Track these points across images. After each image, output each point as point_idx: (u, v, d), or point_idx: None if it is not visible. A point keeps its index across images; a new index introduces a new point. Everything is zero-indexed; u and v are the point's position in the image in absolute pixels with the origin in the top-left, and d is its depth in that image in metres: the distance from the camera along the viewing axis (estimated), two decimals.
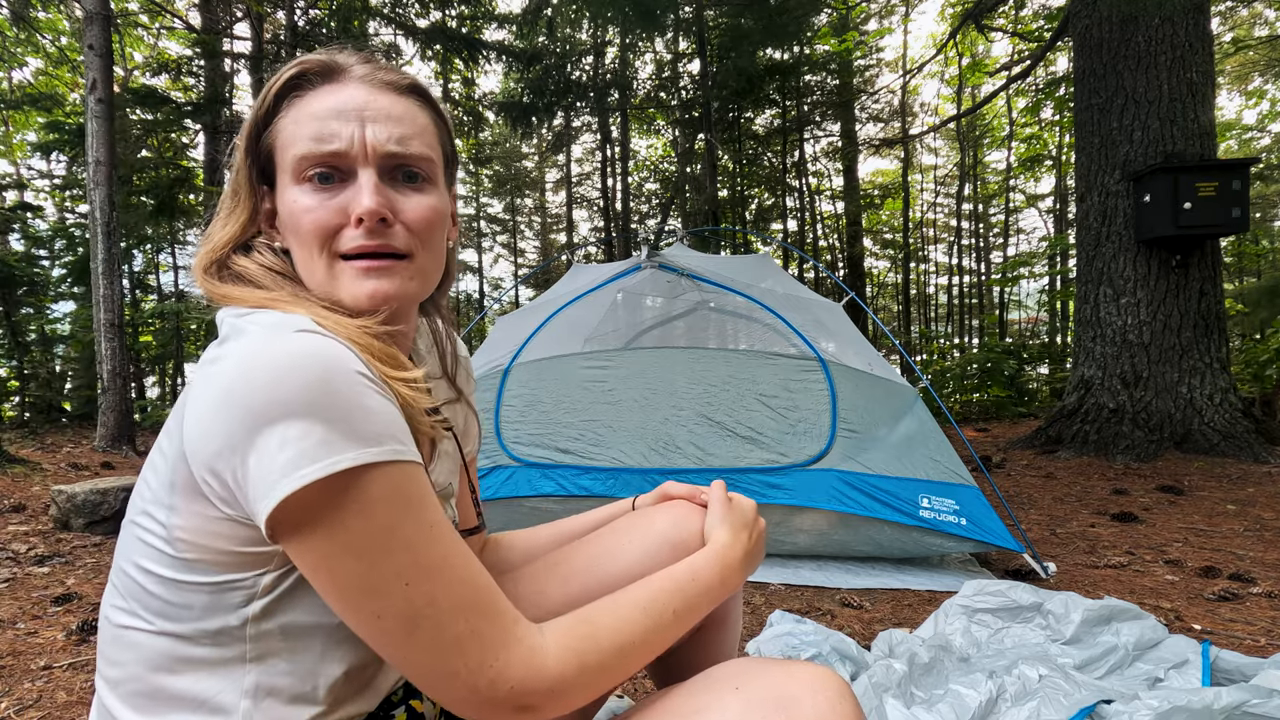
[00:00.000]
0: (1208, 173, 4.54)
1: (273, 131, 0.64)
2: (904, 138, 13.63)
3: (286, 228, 0.64)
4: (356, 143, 0.61)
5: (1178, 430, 4.70)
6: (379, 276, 0.62)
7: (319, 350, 0.52)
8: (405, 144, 0.63)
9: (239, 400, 0.50)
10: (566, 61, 9.81)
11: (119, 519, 2.89)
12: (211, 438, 0.51)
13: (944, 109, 17.04)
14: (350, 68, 0.65)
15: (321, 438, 0.49)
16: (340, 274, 0.62)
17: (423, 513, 0.55)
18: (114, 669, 0.62)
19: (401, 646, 0.54)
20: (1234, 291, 8.77)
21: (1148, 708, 1.21)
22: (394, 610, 0.53)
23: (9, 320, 6.54)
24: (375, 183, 0.61)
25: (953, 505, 2.47)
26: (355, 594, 0.53)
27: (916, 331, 15.26)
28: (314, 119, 0.62)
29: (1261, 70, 13.16)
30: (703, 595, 0.72)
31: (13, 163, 11.84)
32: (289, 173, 0.63)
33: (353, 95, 0.63)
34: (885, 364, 3.11)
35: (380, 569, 0.52)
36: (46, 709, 1.44)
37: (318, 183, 0.62)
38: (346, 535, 0.51)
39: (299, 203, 0.62)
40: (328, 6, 8.81)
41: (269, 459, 0.49)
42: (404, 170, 0.64)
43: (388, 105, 0.63)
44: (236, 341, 0.56)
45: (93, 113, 4.87)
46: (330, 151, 0.61)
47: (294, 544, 0.53)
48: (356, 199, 0.61)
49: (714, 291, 3.16)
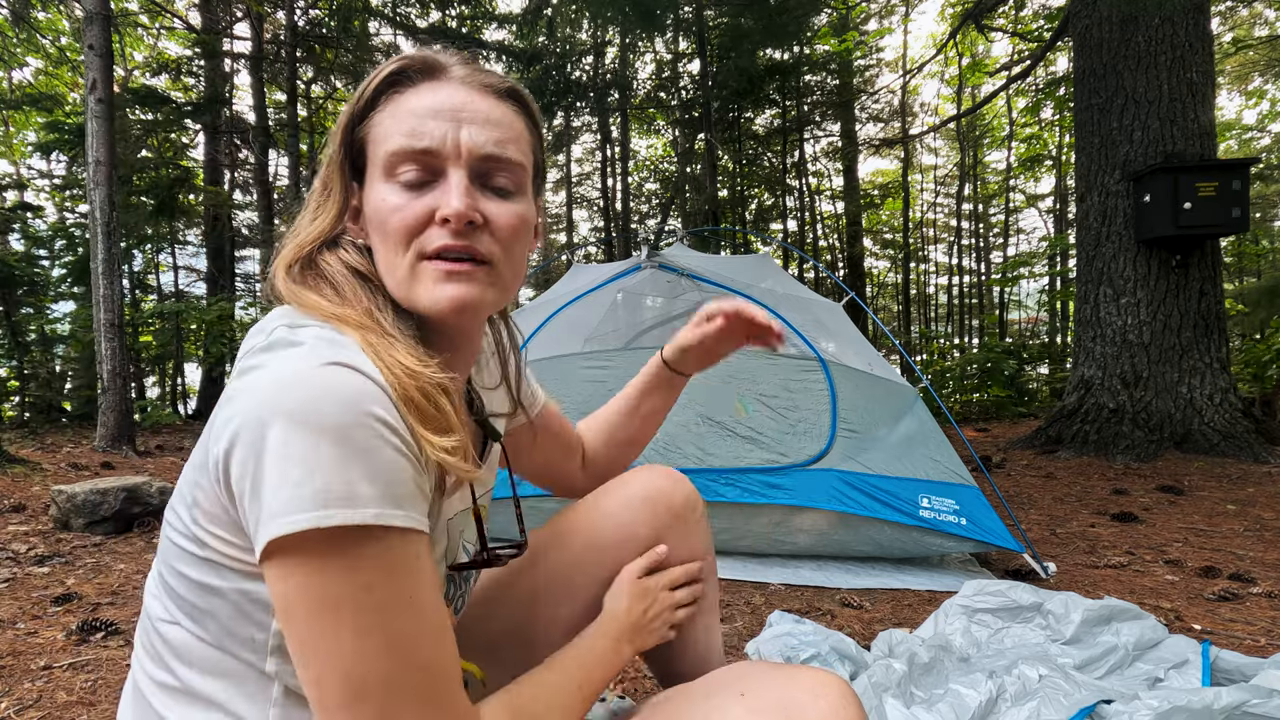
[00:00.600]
0: (1208, 173, 4.54)
1: (367, 125, 0.63)
2: (904, 138, 13.63)
3: (372, 224, 0.63)
4: (450, 142, 0.60)
5: (1178, 430, 4.70)
6: (460, 281, 0.60)
7: (352, 393, 0.50)
8: (500, 148, 0.62)
9: (261, 421, 0.49)
10: (566, 61, 9.80)
11: (119, 519, 2.89)
12: (231, 448, 0.51)
13: (944, 109, 17.04)
14: (450, 67, 0.64)
15: (321, 487, 0.48)
16: (421, 275, 0.60)
17: (405, 583, 0.52)
18: (150, 658, 0.63)
19: (335, 715, 0.51)
20: (1234, 291, 8.76)
21: (1148, 708, 1.21)
22: (343, 675, 0.50)
23: (9, 320, 6.54)
24: (465, 184, 0.60)
25: (953, 505, 2.47)
26: (313, 645, 0.51)
27: (916, 331, 15.26)
28: (411, 115, 0.61)
29: (1261, 70, 13.16)
30: (598, 665, 0.79)
31: (13, 163, 11.84)
32: (380, 168, 0.62)
33: (451, 95, 0.62)
34: (885, 364, 3.11)
35: (344, 630, 0.50)
36: (46, 709, 1.44)
37: (408, 182, 0.61)
38: (322, 587, 0.50)
39: (387, 201, 0.61)
40: (328, 6, 8.80)
41: (269, 493, 0.49)
42: (495, 175, 0.63)
43: (486, 108, 0.62)
44: (282, 354, 0.54)
45: (93, 113, 4.87)
46: (423, 149, 0.60)
47: (273, 577, 0.51)
48: (445, 199, 0.59)
49: (714, 291, 3.16)
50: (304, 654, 0.51)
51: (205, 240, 10.54)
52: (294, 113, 8.81)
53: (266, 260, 7.12)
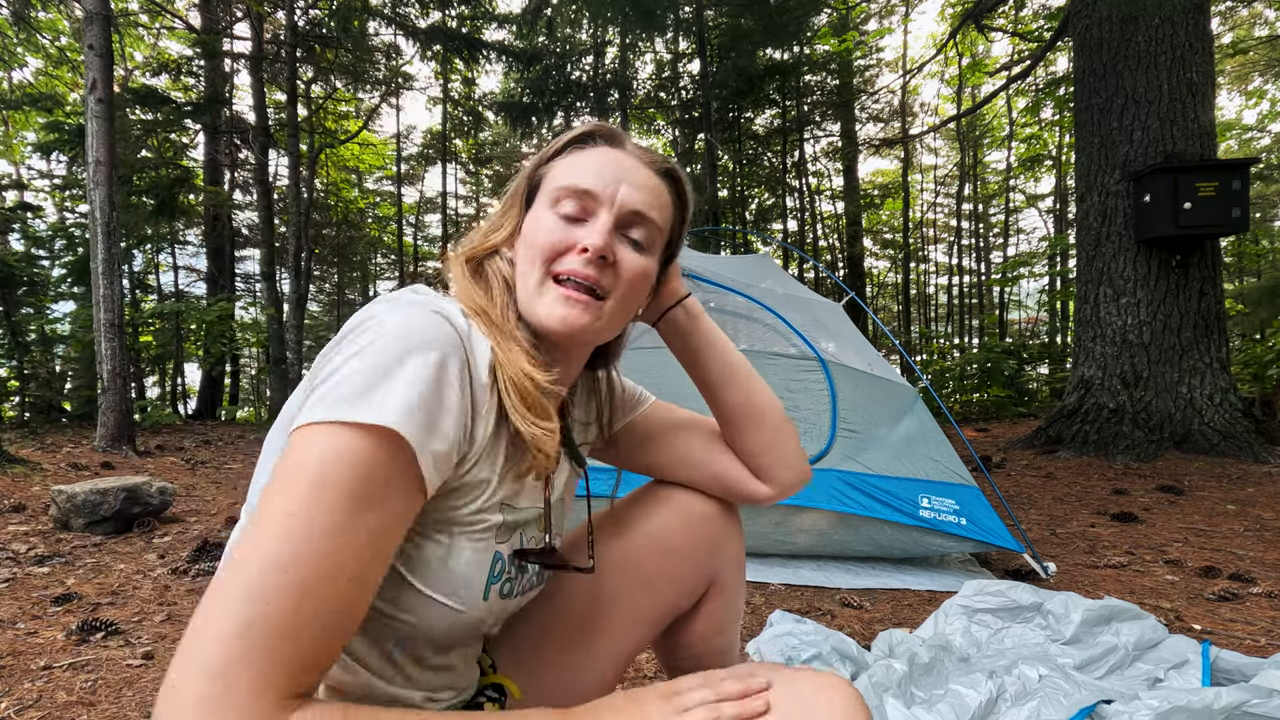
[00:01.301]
0: (1208, 173, 4.54)
1: (548, 168, 0.75)
2: (904, 138, 13.63)
3: (523, 240, 0.73)
4: (608, 192, 0.71)
5: (1178, 430, 4.70)
6: (576, 306, 0.69)
7: (446, 336, 0.59)
8: (646, 208, 0.73)
9: (358, 321, 0.59)
10: (566, 61, 9.81)
11: (119, 519, 2.89)
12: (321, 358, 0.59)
13: (944, 109, 17.05)
14: (626, 142, 0.77)
15: (364, 388, 0.53)
16: (547, 291, 0.70)
17: (374, 491, 0.52)
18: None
19: (223, 583, 0.48)
20: (1234, 291, 8.77)
21: (1148, 708, 1.21)
22: (261, 554, 0.48)
23: (9, 320, 6.54)
24: (610, 227, 0.70)
25: (953, 505, 2.47)
26: (265, 512, 0.51)
27: (916, 331, 15.27)
28: (584, 164, 0.73)
29: (1261, 70, 13.16)
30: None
31: (13, 163, 11.84)
32: (546, 198, 0.73)
33: (620, 158, 0.74)
34: (885, 364, 3.11)
35: (300, 505, 0.50)
36: (46, 709, 1.44)
37: (564, 214, 0.71)
38: (319, 464, 0.51)
39: (542, 222, 0.71)
40: (328, 6, 8.80)
41: (324, 385, 0.55)
42: (634, 228, 0.73)
43: (644, 178, 0.74)
44: (403, 294, 0.64)
45: (93, 113, 4.87)
46: (584, 189, 0.71)
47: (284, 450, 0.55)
48: (589, 233, 0.70)
49: (714, 291, 3.16)
50: (251, 525, 0.51)
51: (205, 240, 10.55)
52: (294, 113, 8.81)
53: (268, 260, 7.10)
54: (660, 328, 0.89)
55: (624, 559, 0.89)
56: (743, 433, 0.89)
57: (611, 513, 0.95)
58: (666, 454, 0.92)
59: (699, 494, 0.91)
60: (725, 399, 0.89)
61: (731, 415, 0.89)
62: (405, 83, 12.50)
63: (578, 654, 0.87)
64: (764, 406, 0.89)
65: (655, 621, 0.90)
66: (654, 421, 0.93)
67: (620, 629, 0.88)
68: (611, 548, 0.90)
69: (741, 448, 0.89)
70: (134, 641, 1.79)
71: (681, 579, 0.89)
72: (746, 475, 0.89)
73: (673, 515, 0.90)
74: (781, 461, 0.89)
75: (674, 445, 0.92)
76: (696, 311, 0.88)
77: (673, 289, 0.87)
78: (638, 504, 0.93)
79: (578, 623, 0.88)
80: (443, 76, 12.67)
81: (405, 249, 17.09)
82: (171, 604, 2.08)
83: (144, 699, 1.49)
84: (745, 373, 0.89)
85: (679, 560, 0.89)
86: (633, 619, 0.88)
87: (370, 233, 16.29)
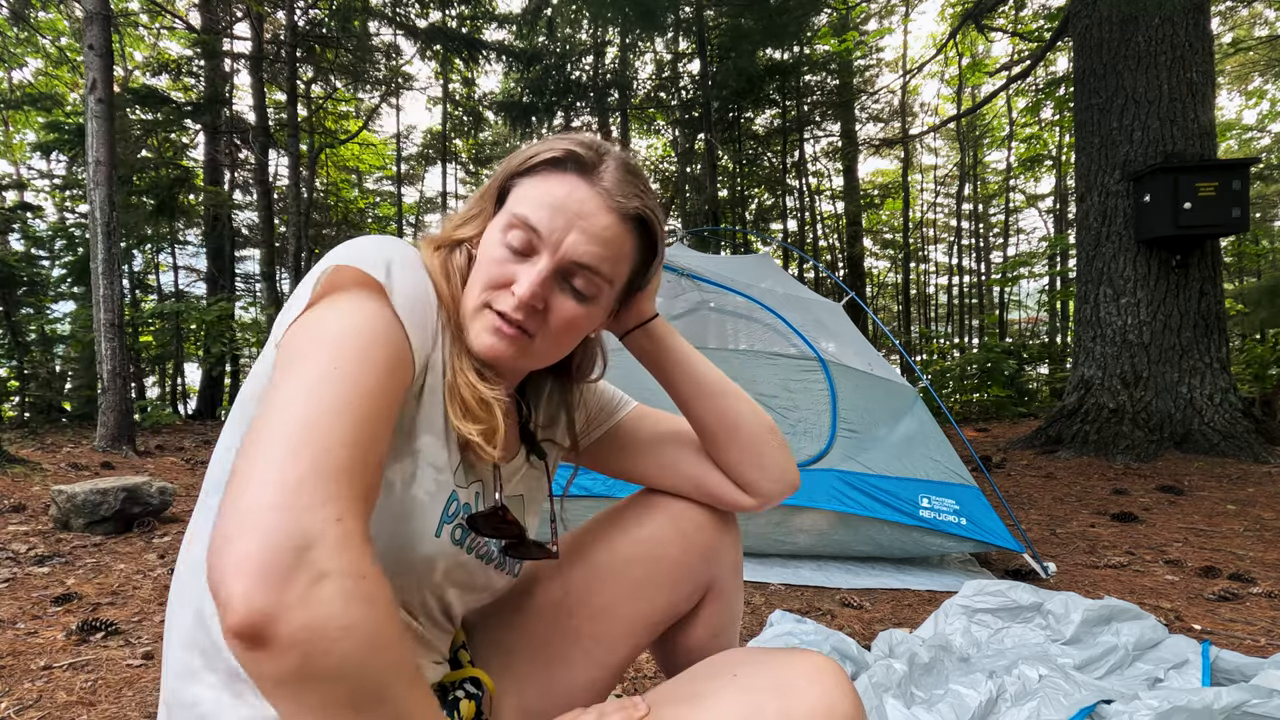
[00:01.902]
0: (1208, 173, 4.54)
1: (519, 180, 0.74)
2: (904, 138, 13.63)
3: (481, 252, 0.74)
4: (553, 237, 0.69)
5: (1178, 430, 4.70)
6: (502, 339, 0.70)
7: (413, 254, 0.68)
8: (594, 260, 0.70)
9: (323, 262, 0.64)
10: (566, 61, 9.81)
11: (119, 519, 2.89)
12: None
13: (944, 109, 17.04)
14: (603, 175, 0.71)
15: (356, 257, 0.63)
16: (481, 316, 0.71)
17: (382, 353, 0.58)
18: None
19: (266, 449, 0.48)
20: (1234, 291, 8.76)
21: (1148, 708, 1.21)
22: (290, 411, 0.51)
23: (9, 320, 6.53)
24: (545, 276, 0.69)
25: (953, 505, 2.47)
26: (283, 381, 0.54)
27: (916, 331, 15.26)
28: (543, 196, 0.70)
29: (1261, 70, 13.15)
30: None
31: (13, 163, 11.84)
32: (504, 219, 0.72)
33: (585, 199, 0.70)
34: (885, 364, 3.11)
35: (318, 363, 0.54)
36: (46, 709, 1.44)
37: (511, 244, 0.70)
38: (320, 322, 0.59)
39: (494, 250, 0.71)
40: (328, 6, 8.80)
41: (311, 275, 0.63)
42: (576, 277, 0.70)
43: (601, 226, 0.70)
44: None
45: (93, 113, 4.87)
46: (533, 227, 0.69)
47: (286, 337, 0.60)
48: (523, 280, 0.69)
49: (714, 291, 3.16)
50: (270, 395, 0.54)
51: (205, 240, 10.54)
52: (294, 113, 8.81)
53: (268, 260, 7.09)
54: (626, 344, 0.88)
55: (617, 566, 0.88)
56: (718, 447, 0.88)
57: (604, 517, 0.94)
58: (647, 463, 0.91)
59: (693, 502, 0.90)
60: (696, 415, 0.88)
61: (705, 430, 0.88)
62: (405, 83, 12.49)
63: (572, 659, 0.86)
64: (738, 422, 0.87)
65: (650, 628, 0.89)
66: (632, 430, 0.92)
67: (613, 634, 0.87)
68: (603, 553, 0.89)
69: (720, 460, 0.88)
70: (134, 641, 1.79)
71: (675, 586, 0.89)
72: (730, 485, 0.88)
73: (665, 523, 0.89)
74: (763, 475, 0.87)
75: (657, 455, 0.91)
76: (661, 334, 0.86)
77: (638, 312, 0.84)
78: (630, 510, 0.92)
79: (572, 629, 0.87)
80: (443, 76, 12.67)
81: None
82: None
83: (144, 699, 1.49)
84: (718, 391, 0.87)
85: (672, 567, 0.88)
86: (625, 625, 0.88)
87: (370, 233, 16.27)
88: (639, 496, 0.94)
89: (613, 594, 0.87)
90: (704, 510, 0.90)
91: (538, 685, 0.84)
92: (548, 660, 0.86)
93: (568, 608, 0.88)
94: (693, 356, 0.88)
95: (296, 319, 0.61)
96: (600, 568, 0.88)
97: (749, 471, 0.87)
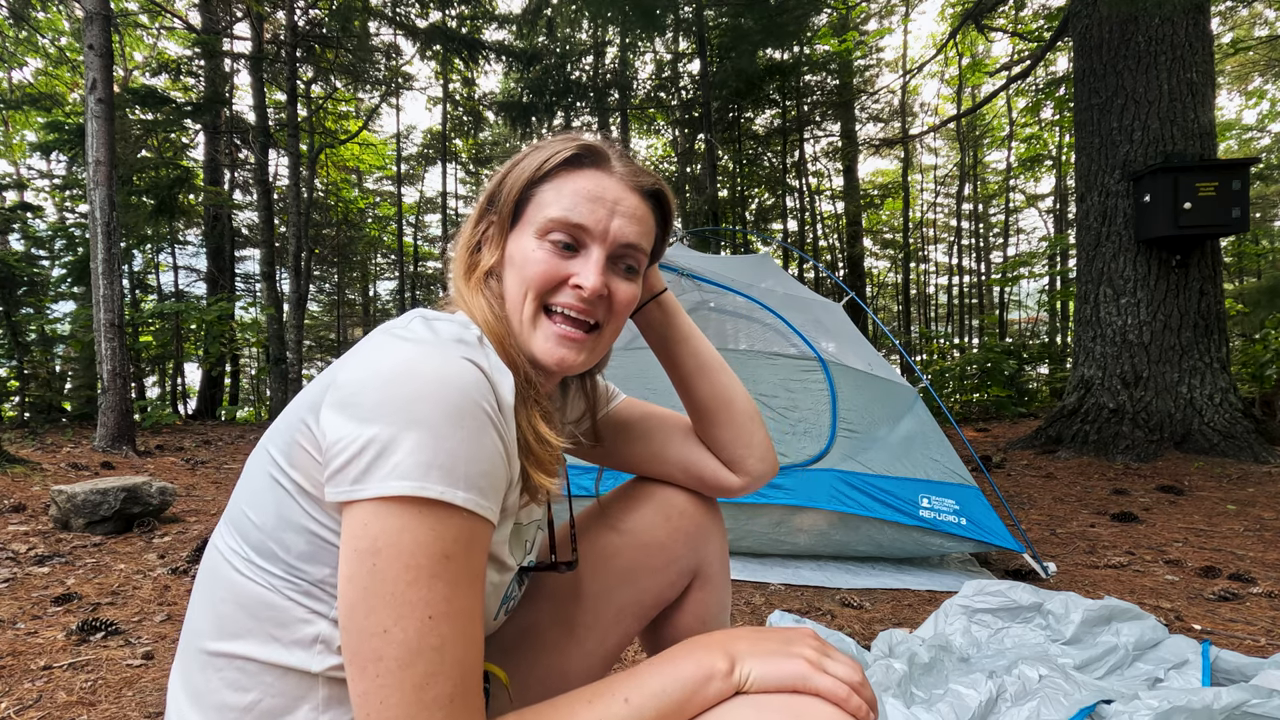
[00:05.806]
0: (1208, 173, 4.54)
1: (536, 190, 0.74)
2: (904, 138, 13.63)
3: (512, 266, 0.73)
4: (601, 226, 0.71)
5: (1178, 430, 4.70)
6: (571, 347, 0.71)
7: (472, 382, 0.58)
8: (636, 238, 0.74)
9: (388, 389, 0.56)
10: (566, 61, 9.81)
11: (119, 519, 2.89)
12: (351, 396, 0.57)
13: (944, 109, 17.04)
14: (613, 161, 0.75)
15: (427, 460, 0.54)
16: (541, 326, 0.72)
17: (470, 562, 0.57)
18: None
19: (386, 677, 0.53)
20: (1234, 291, 8.76)
21: (1148, 708, 1.21)
22: (405, 634, 0.53)
23: (9, 320, 6.53)
24: (603, 263, 0.72)
25: (953, 505, 2.47)
26: (383, 601, 0.54)
27: (916, 331, 15.26)
28: (575, 194, 0.72)
29: (1261, 70, 13.15)
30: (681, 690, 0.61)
31: (13, 163, 11.84)
32: (535, 226, 0.72)
33: (611, 187, 0.73)
34: (885, 364, 3.11)
35: (416, 591, 0.54)
36: (46, 709, 1.44)
37: (557, 245, 0.71)
38: (400, 546, 0.54)
39: (534, 253, 0.71)
40: (328, 6, 8.81)
41: (372, 453, 0.54)
42: (626, 258, 0.74)
43: (634, 205, 0.74)
44: (420, 330, 0.63)
45: (93, 113, 4.87)
46: (578, 224, 0.71)
47: (350, 526, 0.56)
48: (584, 271, 0.71)
49: (714, 291, 3.16)
50: (370, 608, 0.54)
51: (205, 240, 10.54)
52: (294, 113, 8.81)
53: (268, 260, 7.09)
54: (637, 320, 0.91)
55: (605, 554, 0.91)
56: (714, 424, 0.91)
57: (593, 510, 0.97)
58: (640, 448, 0.94)
59: (677, 489, 0.93)
60: (697, 390, 0.91)
61: (703, 407, 0.91)
62: (405, 83, 12.50)
63: (564, 648, 0.88)
64: (734, 399, 0.91)
65: (640, 614, 0.92)
66: (623, 417, 0.95)
67: (605, 622, 0.89)
68: (593, 544, 0.92)
69: (713, 439, 0.92)
70: (134, 641, 1.79)
71: (663, 571, 0.91)
72: (718, 466, 0.92)
73: (651, 510, 0.92)
74: (752, 452, 0.91)
75: (648, 439, 0.94)
76: (672, 306, 0.91)
77: (650, 285, 0.88)
78: (618, 501, 0.95)
79: (564, 618, 0.89)
80: (443, 76, 12.67)
81: (405, 249, 17.08)
82: (171, 604, 2.08)
83: (144, 699, 1.49)
84: (718, 366, 0.92)
85: (659, 553, 0.91)
86: (617, 612, 0.90)
87: (370, 233, 16.29)
88: (626, 486, 0.97)
89: (603, 581, 0.90)
90: (689, 496, 0.93)
91: (544, 677, 0.85)
92: (540, 649, 0.88)
93: (559, 596, 0.90)
94: (696, 331, 0.93)
95: (363, 493, 0.55)
96: (595, 559, 0.91)
97: (739, 449, 0.91)
